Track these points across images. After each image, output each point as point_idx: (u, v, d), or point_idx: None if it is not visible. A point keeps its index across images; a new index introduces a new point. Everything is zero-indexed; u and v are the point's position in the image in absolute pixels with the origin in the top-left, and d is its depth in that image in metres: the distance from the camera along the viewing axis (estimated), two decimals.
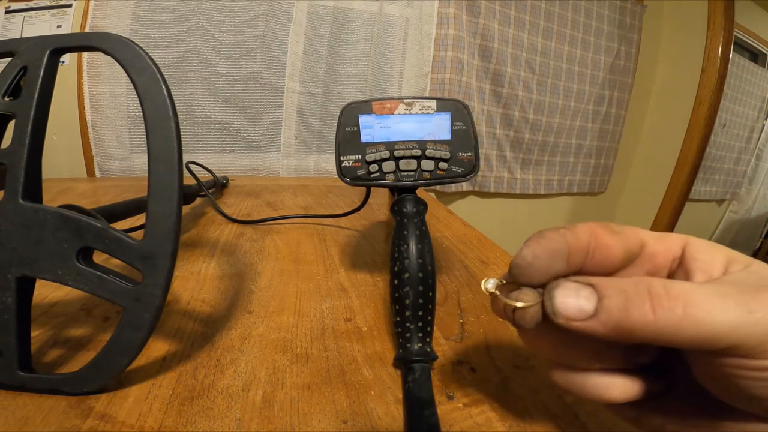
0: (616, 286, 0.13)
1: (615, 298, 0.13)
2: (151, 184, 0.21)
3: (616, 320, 0.13)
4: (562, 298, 0.14)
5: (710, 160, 1.67)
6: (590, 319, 0.13)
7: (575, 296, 0.14)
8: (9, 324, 0.21)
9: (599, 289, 0.14)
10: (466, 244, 0.50)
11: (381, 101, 0.33)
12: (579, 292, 0.14)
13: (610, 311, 0.13)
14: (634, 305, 0.13)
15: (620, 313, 0.13)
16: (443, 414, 0.21)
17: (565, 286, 0.14)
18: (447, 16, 1.13)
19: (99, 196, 0.73)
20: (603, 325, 0.13)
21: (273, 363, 0.26)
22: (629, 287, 0.13)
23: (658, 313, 0.12)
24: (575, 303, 0.14)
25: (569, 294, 0.14)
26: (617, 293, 0.13)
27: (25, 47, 0.23)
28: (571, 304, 0.14)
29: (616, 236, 0.16)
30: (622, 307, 0.13)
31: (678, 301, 0.12)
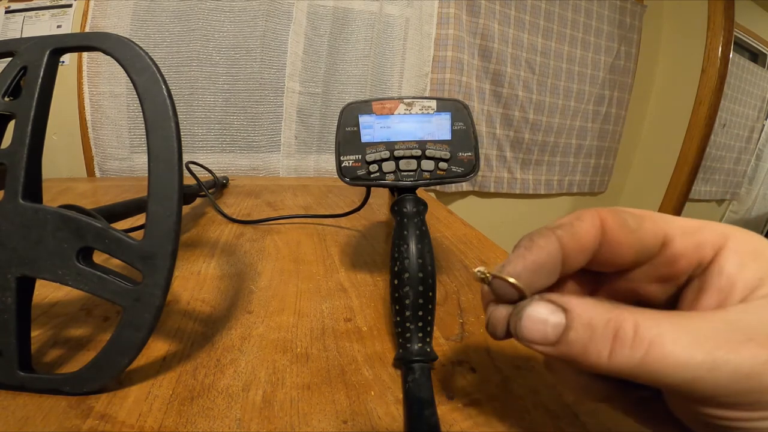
0: (586, 320, 0.12)
1: (580, 332, 0.12)
2: (151, 184, 0.21)
3: (573, 355, 0.12)
4: (529, 323, 0.13)
5: (710, 160, 1.67)
6: (549, 346, 0.13)
7: (543, 323, 0.13)
8: (9, 324, 0.21)
9: (569, 318, 0.13)
10: (466, 244, 0.50)
11: (381, 101, 0.33)
12: (549, 318, 0.13)
13: (570, 345, 0.12)
14: (594, 345, 0.12)
15: (579, 349, 0.12)
16: (443, 414, 0.21)
17: (535, 309, 0.13)
18: (447, 16, 1.13)
19: (99, 196, 0.73)
20: (562, 355, 0.13)
21: (273, 363, 0.26)
22: (599, 322, 0.12)
23: (613, 357, 0.12)
24: (541, 329, 0.13)
25: (537, 320, 0.13)
26: (584, 328, 0.12)
27: (25, 47, 0.23)
28: (536, 329, 0.13)
29: (631, 234, 0.14)
30: (583, 344, 0.12)
31: (641, 346, 0.11)
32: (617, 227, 0.14)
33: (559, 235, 0.14)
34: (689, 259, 0.14)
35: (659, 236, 0.14)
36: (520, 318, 0.13)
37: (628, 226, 0.14)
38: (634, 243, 0.14)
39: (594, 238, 0.14)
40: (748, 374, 0.10)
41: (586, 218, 0.14)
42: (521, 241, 0.15)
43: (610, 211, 0.14)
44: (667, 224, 0.14)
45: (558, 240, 0.14)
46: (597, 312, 0.12)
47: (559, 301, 0.13)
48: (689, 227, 0.14)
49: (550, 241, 0.14)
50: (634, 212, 0.14)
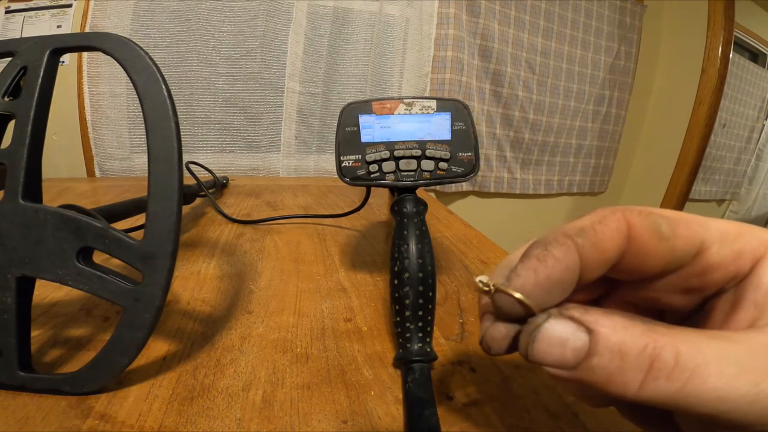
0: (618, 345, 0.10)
1: (606, 359, 0.10)
2: (151, 184, 0.21)
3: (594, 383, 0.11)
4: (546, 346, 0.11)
5: (710, 160, 1.67)
6: (566, 370, 0.11)
7: (562, 345, 0.11)
8: (9, 324, 0.21)
9: (594, 340, 0.11)
10: (466, 244, 0.50)
11: (381, 101, 0.33)
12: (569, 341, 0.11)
13: (593, 372, 0.11)
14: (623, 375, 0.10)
15: (602, 378, 0.11)
16: (443, 414, 0.21)
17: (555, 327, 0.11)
18: (447, 16, 1.13)
19: (99, 196, 0.73)
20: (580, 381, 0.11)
21: (273, 363, 0.26)
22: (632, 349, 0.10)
23: (644, 388, 0.10)
24: (559, 353, 0.11)
25: (556, 342, 0.11)
26: (612, 355, 0.10)
27: (25, 47, 0.23)
28: (554, 353, 0.11)
29: (662, 242, 0.12)
30: (609, 373, 0.10)
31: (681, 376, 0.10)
32: (646, 234, 0.12)
33: (580, 245, 0.12)
34: (725, 270, 0.12)
35: (695, 244, 0.12)
36: (535, 339, 0.11)
37: (660, 233, 0.12)
38: (665, 253, 0.12)
39: (619, 246, 0.12)
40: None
41: (610, 222, 0.12)
42: (533, 249, 0.12)
43: (639, 214, 0.12)
44: (704, 229, 0.12)
45: (578, 250, 0.12)
46: (630, 335, 0.10)
47: (583, 319, 0.11)
48: (728, 233, 0.12)
49: (568, 252, 0.12)
50: (667, 215, 0.12)
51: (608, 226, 0.12)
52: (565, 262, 0.12)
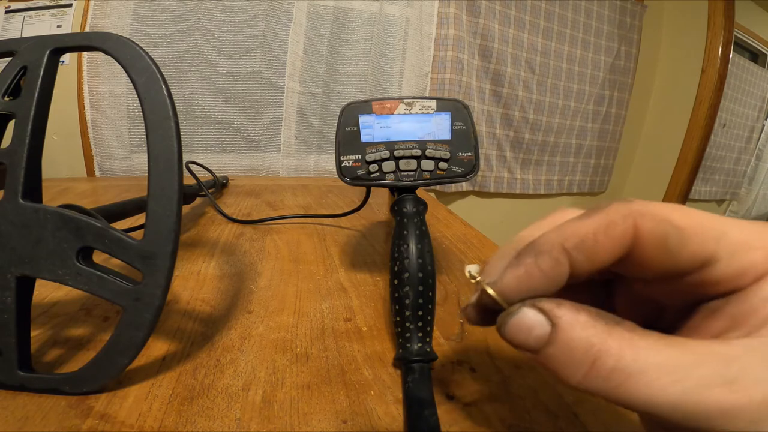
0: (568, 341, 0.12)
1: (559, 351, 0.12)
2: (151, 184, 0.21)
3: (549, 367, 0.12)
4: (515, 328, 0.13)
5: (710, 160, 1.67)
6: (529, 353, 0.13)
7: (527, 331, 0.12)
8: (9, 324, 0.21)
9: (553, 333, 0.12)
10: (466, 244, 0.50)
11: (381, 101, 0.33)
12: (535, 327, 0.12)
13: (548, 359, 0.12)
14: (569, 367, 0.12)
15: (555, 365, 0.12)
16: (443, 414, 0.21)
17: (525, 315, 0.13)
18: (447, 16, 1.13)
19: (99, 196, 0.73)
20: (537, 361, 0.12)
21: (273, 363, 0.26)
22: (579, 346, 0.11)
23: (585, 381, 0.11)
24: (524, 336, 0.13)
25: (523, 327, 0.12)
26: (563, 348, 0.12)
27: (25, 47, 0.23)
28: (520, 335, 0.13)
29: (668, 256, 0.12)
30: (559, 362, 0.12)
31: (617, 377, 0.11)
32: (653, 244, 0.12)
33: (574, 258, 0.12)
34: (725, 286, 0.12)
35: (701, 260, 0.12)
36: (506, 323, 0.13)
37: (667, 247, 0.12)
38: (671, 265, 0.12)
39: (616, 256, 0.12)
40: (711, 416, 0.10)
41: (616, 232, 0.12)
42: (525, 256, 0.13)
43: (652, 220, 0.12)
44: (717, 244, 0.12)
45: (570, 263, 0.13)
46: (585, 334, 0.12)
47: (551, 313, 0.12)
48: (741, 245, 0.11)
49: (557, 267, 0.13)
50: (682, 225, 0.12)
51: (612, 237, 0.12)
52: (551, 275, 0.13)
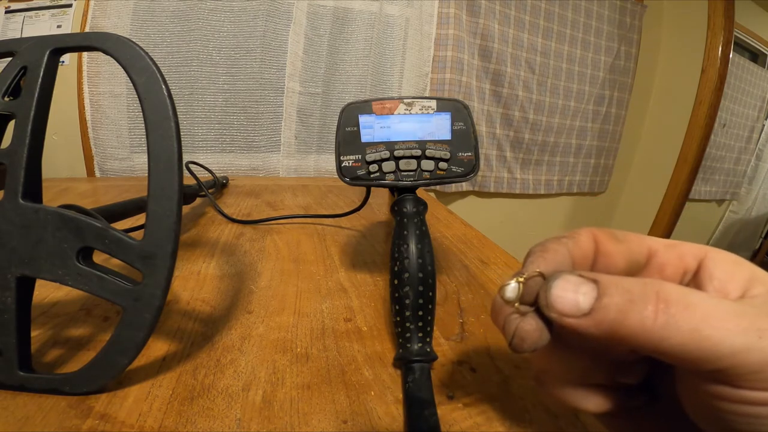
0: (621, 285, 0.12)
1: (616, 297, 0.12)
2: (151, 184, 0.21)
3: (610, 321, 0.12)
4: (560, 291, 0.13)
5: (710, 160, 1.67)
6: (584, 317, 0.12)
7: (573, 291, 0.13)
8: (9, 324, 0.21)
9: (602, 285, 0.12)
10: (466, 244, 0.50)
11: (381, 101, 0.33)
12: (579, 287, 0.13)
13: (607, 310, 0.12)
14: (636, 307, 0.11)
15: (617, 315, 0.12)
16: (443, 414, 0.21)
17: (566, 279, 0.13)
18: (447, 16, 1.13)
19: (99, 196, 0.73)
20: (597, 325, 0.12)
21: (273, 363, 0.26)
22: (635, 287, 0.12)
23: (659, 320, 0.11)
24: (572, 297, 0.12)
25: (568, 288, 0.13)
26: (620, 292, 0.12)
27: (25, 47, 0.23)
28: (568, 298, 0.13)
29: (619, 244, 0.15)
30: (622, 308, 0.12)
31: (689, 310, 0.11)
32: (607, 239, 0.16)
33: (565, 242, 0.16)
34: (675, 267, 0.15)
35: (644, 248, 0.15)
36: (551, 286, 0.13)
37: (616, 238, 0.16)
38: (623, 252, 0.15)
39: (591, 248, 0.16)
40: None
41: (582, 232, 0.16)
42: (534, 248, 0.16)
43: (598, 229, 0.16)
44: (648, 241, 0.16)
45: (565, 246, 0.15)
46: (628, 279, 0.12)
47: (587, 274, 0.13)
48: (669, 242, 0.15)
49: (560, 245, 0.15)
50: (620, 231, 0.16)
51: (581, 234, 0.16)
52: (561, 251, 0.15)
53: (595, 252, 0.15)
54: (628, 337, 0.12)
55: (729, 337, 0.11)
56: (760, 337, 0.11)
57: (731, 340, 0.11)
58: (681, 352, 0.11)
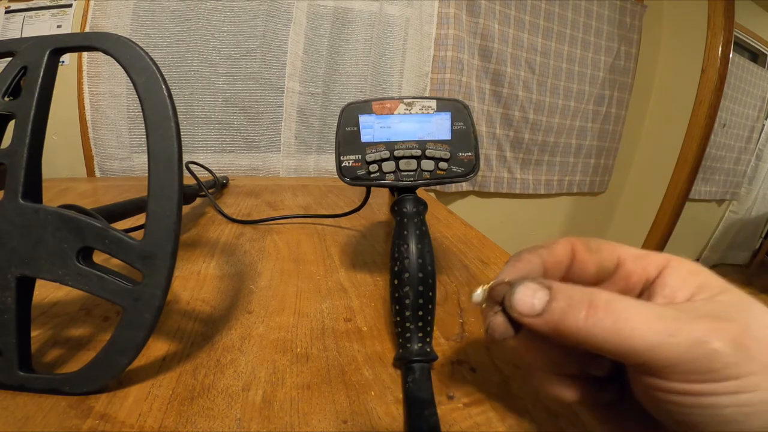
0: (566, 292, 0.15)
1: (561, 301, 0.15)
2: (151, 184, 0.21)
3: (555, 321, 0.14)
4: (520, 296, 0.15)
5: (710, 160, 1.67)
6: (537, 317, 0.15)
7: (531, 295, 0.15)
8: (9, 324, 0.21)
9: (553, 292, 0.15)
10: (466, 244, 0.50)
11: (381, 101, 0.33)
12: (536, 292, 0.15)
13: (554, 312, 0.15)
14: (573, 311, 0.14)
15: (560, 316, 0.14)
16: (443, 414, 0.21)
17: (526, 285, 0.16)
18: (447, 16, 1.13)
19: (99, 196, 0.73)
20: (546, 324, 0.15)
21: (273, 363, 0.26)
22: (576, 294, 0.15)
23: (588, 321, 0.14)
24: (529, 301, 0.15)
25: (527, 293, 0.15)
26: (564, 298, 0.15)
27: (25, 47, 0.23)
28: (526, 301, 0.15)
29: (592, 254, 0.18)
30: (564, 310, 0.14)
31: (612, 314, 0.13)
32: (583, 249, 0.18)
33: (540, 253, 0.18)
34: (639, 276, 0.17)
35: (614, 258, 0.18)
36: (513, 294, 0.16)
37: (591, 249, 0.18)
38: (595, 261, 0.18)
39: (567, 256, 0.18)
40: (700, 341, 0.13)
41: (561, 242, 0.18)
42: (511, 258, 0.19)
43: (577, 238, 0.18)
44: (620, 249, 0.18)
45: (540, 256, 0.18)
46: (574, 287, 0.15)
47: (545, 282, 0.16)
48: (638, 253, 0.17)
49: (534, 256, 0.18)
50: (595, 240, 0.18)
51: (559, 244, 0.18)
52: (532, 261, 0.18)
53: (571, 259, 0.18)
54: (569, 335, 0.14)
55: (643, 335, 0.13)
56: (670, 335, 0.13)
57: (645, 338, 0.13)
58: (607, 348, 0.14)
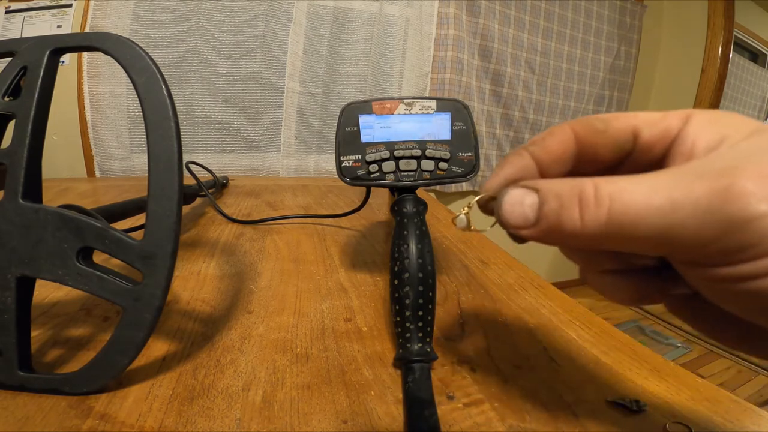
0: (554, 190, 0.13)
1: (552, 203, 0.12)
2: (151, 184, 0.21)
3: (552, 227, 0.12)
4: (508, 207, 0.13)
5: None
6: (534, 228, 0.13)
7: (520, 204, 0.13)
8: (9, 324, 0.21)
9: (541, 194, 0.13)
10: (466, 244, 0.50)
11: (381, 101, 0.33)
12: (524, 199, 0.13)
13: (548, 218, 0.13)
14: (566, 211, 0.12)
15: (555, 220, 0.12)
16: (443, 414, 0.21)
17: (510, 195, 0.14)
18: (447, 16, 1.13)
19: (99, 196, 0.73)
20: (545, 232, 0.13)
21: (273, 363, 0.26)
22: (564, 190, 0.12)
23: (585, 220, 0.12)
24: (520, 211, 0.13)
25: (515, 203, 0.13)
26: (554, 198, 0.12)
27: (25, 47, 0.23)
28: (516, 213, 0.13)
29: (601, 134, 0.15)
30: (557, 213, 0.12)
31: (604, 202, 0.11)
32: (587, 132, 0.15)
33: (531, 151, 0.15)
34: (661, 144, 0.14)
35: (628, 131, 0.14)
36: (501, 205, 0.14)
37: (596, 129, 0.15)
38: (607, 142, 0.15)
39: (567, 147, 0.15)
40: (708, 208, 0.10)
41: (556, 132, 0.15)
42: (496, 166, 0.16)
43: (578, 121, 0.15)
44: (634, 118, 0.14)
45: (531, 155, 0.15)
46: (563, 183, 0.13)
47: (530, 184, 0.14)
48: (654, 118, 0.14)
49: (521, 158, 0.15)
50: (601, 116, 0.15)
51: (555, 135, 0.15)
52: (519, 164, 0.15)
53: (576, 148, 0.15)
54: (573, 240, 0.12)
55: (647, 220, 0.11)
56: (674, 210, 0.10)
57: (650, 222, 0.11)
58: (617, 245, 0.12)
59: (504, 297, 0.36)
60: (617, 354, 0.28)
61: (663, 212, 0.11)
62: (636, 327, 1.66)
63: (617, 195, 0.11)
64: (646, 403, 0.23)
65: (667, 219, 0.10)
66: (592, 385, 0.24)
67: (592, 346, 0.29)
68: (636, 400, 0.23)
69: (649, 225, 0.11)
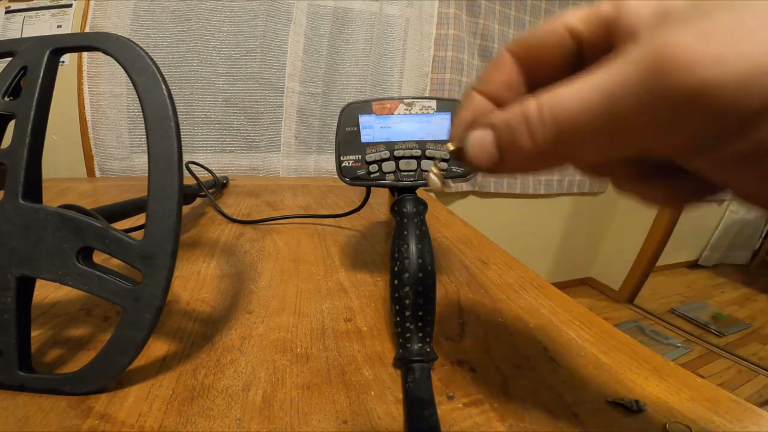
0: (503, 119, 0.12)
1: (504, 134, 0.12)
2: (151, 184, 0.21)
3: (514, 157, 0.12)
4: (474, 152, 0.13)
5: None
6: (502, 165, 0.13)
7: (482, 146, 0.13)
8: (9, 324, 0.21)
9: (495, 129, 0.13)
10: (466, 244, 0.50)
11: (381, 101, 0.33)
12: (485, 140, 0.13)
13: (507, 149, 0.12)
14: (519, 137, 0.12)
15: (514, 150, 0.12)
16: (443, 414, 0.21)
17: (472, 137, 0.13)
18: (447, 16, 1.13)
19: (99, 196, 0.73)
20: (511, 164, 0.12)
21: (273, 363, 0.26)
22: (511, 117, 0.12)
23: (536, 138, 0.11)
24: (484, 151, 0.13)
25: (476, 144, 0.13)
26: (505, 128, 0.12)
27: (25, 47, 0.23)
28: (482, 154, 0.13)
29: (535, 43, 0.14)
30: (512, 142, 0.12)
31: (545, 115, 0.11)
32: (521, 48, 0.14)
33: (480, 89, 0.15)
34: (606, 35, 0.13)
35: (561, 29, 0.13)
36: (466, 150, 0.14)
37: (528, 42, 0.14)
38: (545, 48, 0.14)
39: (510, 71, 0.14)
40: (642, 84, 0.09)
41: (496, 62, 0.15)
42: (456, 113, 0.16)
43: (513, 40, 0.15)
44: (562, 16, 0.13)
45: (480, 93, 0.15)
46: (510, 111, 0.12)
47: (485, 121, 0.13)
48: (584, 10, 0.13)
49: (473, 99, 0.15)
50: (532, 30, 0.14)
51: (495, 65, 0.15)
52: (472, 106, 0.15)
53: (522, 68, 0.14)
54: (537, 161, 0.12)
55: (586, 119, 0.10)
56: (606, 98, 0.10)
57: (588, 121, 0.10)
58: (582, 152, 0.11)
59: (504, 297, 0.36)
60: (617, 354, 0.28)
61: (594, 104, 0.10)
62: (636, 327, 1.66)
63: (556, 102, 0.11)
64: (646, 403, 0.23)
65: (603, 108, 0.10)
66: (592, 385, 0.24)
67: (592, 346, 0.29)
68: (636, 400, 0.23)
69: (589, 122, 0.10)
